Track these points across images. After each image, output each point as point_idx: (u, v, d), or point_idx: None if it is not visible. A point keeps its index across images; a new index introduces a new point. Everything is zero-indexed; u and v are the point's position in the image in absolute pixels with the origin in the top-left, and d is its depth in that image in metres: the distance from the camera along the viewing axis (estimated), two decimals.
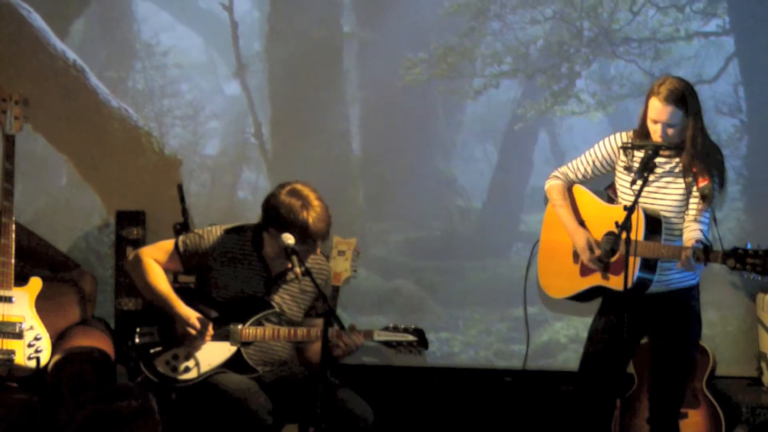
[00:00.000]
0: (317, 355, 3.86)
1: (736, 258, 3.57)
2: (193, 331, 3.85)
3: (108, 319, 4.97)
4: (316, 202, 3.85)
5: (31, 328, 4.23)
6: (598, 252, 3.83)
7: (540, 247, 4.14)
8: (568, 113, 5.27)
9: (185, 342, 3.89)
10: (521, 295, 4.27)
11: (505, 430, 5.14)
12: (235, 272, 3.96)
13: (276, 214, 3.84)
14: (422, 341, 3.94)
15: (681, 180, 3.80)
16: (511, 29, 5.25)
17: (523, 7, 5.22)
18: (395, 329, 3.92)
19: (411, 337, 3.92)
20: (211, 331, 3.88)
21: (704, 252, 3.58)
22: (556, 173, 4.08)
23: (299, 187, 3.89)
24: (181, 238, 4.02)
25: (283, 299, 3.98)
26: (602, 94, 5.25)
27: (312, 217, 3.81)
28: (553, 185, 4.04)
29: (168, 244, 4.03)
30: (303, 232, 3.79)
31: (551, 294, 4.15)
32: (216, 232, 4.00)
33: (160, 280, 3.94)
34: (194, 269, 4.03)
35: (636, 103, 4.96)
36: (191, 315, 3.86)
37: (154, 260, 3.97)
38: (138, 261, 3.98)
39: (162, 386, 3.90)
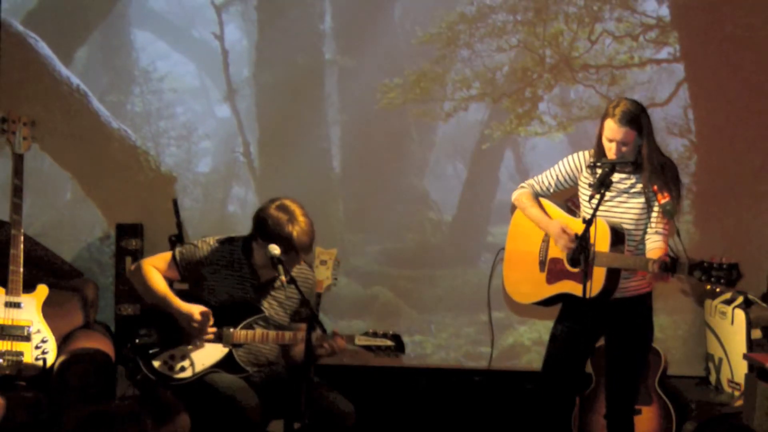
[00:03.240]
0: (302, 355, 3.94)
1: (702, 270, 3.64)
2: (195, 324, 3.93)
3: (109, 324, 5.09)
4: (301, 218, 3.94)
5: (38, 331, 4.33)
6: (572, 233, 3.87)
7: (506, 256, 4.23)
8: (531, 134, 5.39)
9: (189, 336, 3.98)
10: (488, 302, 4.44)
11: (473, 426, 5.25)
12: (227, 279, 4.04)
13: (264, 225, 3.95)
14: (399, 346, 3.99)
15: (641, 196, 3.91)
16: (479, 56, 5.37)
17: (490, 37, 5.34)
18: (374, 335, 3.97)
19: (389, 343, 3.97)
20: (212, 320, 3.95)
21: (672, 264, 3.67)
22: (523, 184, 4.17)
23: (287, 202, 3.99)
24: (177, 248, 4.12)
25: (270, 305, 4.07)
26: (563, 116, 5.36)
27: (296, 231, 3.90)
28: (521, 193, 4.14)
29: (166, 255, 4.12)
30: (287, 244, 3.88)
31: (517, 299, 4.24)
32: (210, 242, 4.10)
33: (158, 283, 4.03)
34: (190, 277, 4.10)
35: (594, 124, 4.94)
36: (193, 310, 3.94)
37: (154, 267, 4.08)
38: (139, 269, 4.08)
39: (159, 384, 3.99)
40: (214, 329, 4.01)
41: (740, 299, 4.94)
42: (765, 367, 4.22)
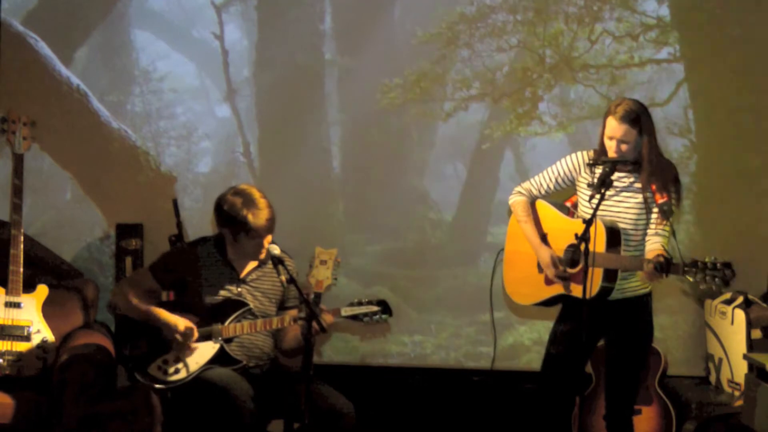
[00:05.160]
0: (293, 341, 4.04)
1: (697, 270, 3.65)
2: (179, 337, 3.99)
3: (109, 324, 4.99)
4: (259, 201, 3.99)
5: (38, 331, 4.36)
6: (561, 268, 3.93)
7: (505, 257, 4.25)
8: (531, 134, 5.39)
9: (175, 346, 4.03)
10: (488, 301, 4.43)
11: (473, 426, 5.25)
12: (207, 279, 4.09)
13: (221, 211, 4.02)
14: (386, 309, 4.00)
15: (639, 195, 3.93)
16: (479, 56, 5.37)
17: (490, 37, 5.34)
18: (359, 303, 4.00)
19: (375, 308, 3.99)
20: (196, 333, 4.00)
21: (666, 264, 3.68)
22: (519, 189, 4.17)
23: (243, 186, 4.05)
24: (151, 263, 4.18)
25: (254, 296, 4.11)
26: (563, 116, 5.36)
27: (253, 213, 3.95)
28: (517, 201, 4.14)
29: (141, 269, 4.19)
30: (244, 227, 3.95)
31: (517, 300, 4.26)
32: (183, 248, 4.17)
33: (138, 300, 4.09)
34: (172, 286, 4.15)
35: (594, 124, 5.12)
36: (178, 322, 4.00)
37: (131, 285, 4.13)
38: (119, 290, 4.15)
39: (156, 388, 4.06)
40: (197, 345, 4.02)
41: (740, 299, 4.94)
42: (765, 368, 4.22)
